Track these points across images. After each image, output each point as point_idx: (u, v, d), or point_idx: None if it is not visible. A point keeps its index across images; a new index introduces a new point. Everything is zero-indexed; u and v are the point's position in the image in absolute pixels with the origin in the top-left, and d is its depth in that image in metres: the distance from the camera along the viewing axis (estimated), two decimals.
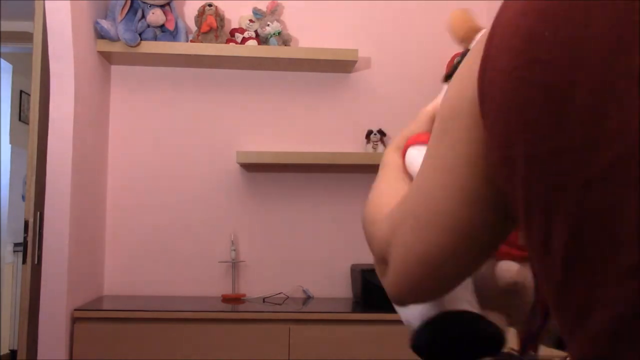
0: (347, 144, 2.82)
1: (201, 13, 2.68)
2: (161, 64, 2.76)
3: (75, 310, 2.26)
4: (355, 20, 2.86)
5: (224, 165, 2.77)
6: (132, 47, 2.56)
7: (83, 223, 2.42)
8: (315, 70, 2.80)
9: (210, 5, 2.68)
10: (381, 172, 0.86)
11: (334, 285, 2.78)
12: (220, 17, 2.69)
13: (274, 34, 2.70)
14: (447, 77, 1.30)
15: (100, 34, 2.55)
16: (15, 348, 4.12)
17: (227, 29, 2.77)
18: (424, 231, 0.62)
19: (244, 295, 2.69)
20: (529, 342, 0.82)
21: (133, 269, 2.68)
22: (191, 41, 2.68)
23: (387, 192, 0.80)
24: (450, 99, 0.60)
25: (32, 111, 2.31)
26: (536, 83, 0.47)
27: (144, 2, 2.59)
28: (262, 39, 2.73)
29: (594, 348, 0.45)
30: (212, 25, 2.65)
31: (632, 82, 0.42)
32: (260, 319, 2.31)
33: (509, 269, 0.87)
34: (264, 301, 2.61)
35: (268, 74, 2.82)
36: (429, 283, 0.68)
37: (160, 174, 2.74)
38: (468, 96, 0.55)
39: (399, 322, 2.46)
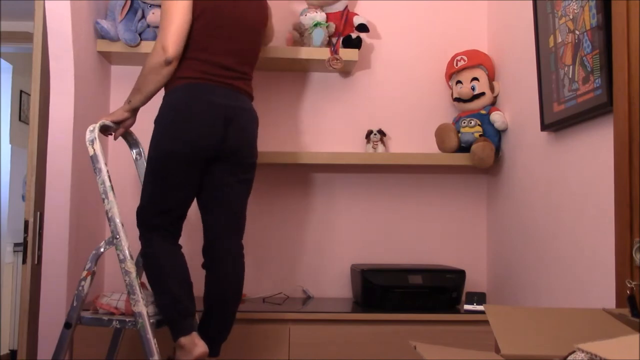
0: (347, 144, 2.83)
1: None
2: None
3: None
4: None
5: None
6: (132, 47, 2.56)
7: (83, 223, 2.42)
8: (315, 70, 2.80)
9: None
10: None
11: (334, 285, 2.78)
12: None
13: None
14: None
15: (100, 34, 2.55)
16: (15, 348, 4.12)
17: None
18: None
19: (244, 295, 2.69)
20: None
21: None
22: None
23: None
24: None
25: (32, 111, 2.31)
26: None
27: (144, 2, 2.58)
28: None
29: None
30: None
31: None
32: (260, 319, 2.32)
33: None
34: (264, 301, 2.61)
35: (268, 74, 2.82)
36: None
37: None
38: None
39: (399, 322, 2.47)
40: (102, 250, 1.96)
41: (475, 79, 2.68)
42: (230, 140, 2.02)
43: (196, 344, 1.89)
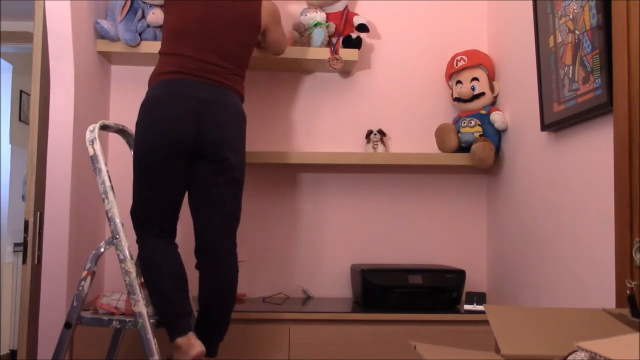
0: (347, 144, 2.83)
1: None
2: None
3: None
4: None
5: None
6: (132, 47, 2.56)
7: (83, 223, 2.42)
8: (315, 70, 2.80)
9: None
10: None
11: (334, 285, 2.78)
12: None
13: None
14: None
15: (100, 34, 2.55)
16: (15, 348, 4.12)
17: None
18: None
19: (244, 295, 2.69)
20: None
21: None
22: None
23: None
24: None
25: (32, 111, 2.31)
26: None
27: (144, 2, 2.58)
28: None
29: None
30: None
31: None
32: (260, 319, 2.32)
33: None
34: (264, 301, 2.61)
35: (268, 74, 2.83)
36: None
37: None
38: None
39: (399, 322, 2.47)
40: (102, 250, 1.96)
41: (475, 79, 2.68)
42: (207, 135, 2.00)
43: (193, 344, 1.89)
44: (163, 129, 1.97)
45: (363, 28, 2.70)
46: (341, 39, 2.69)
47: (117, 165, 2.69)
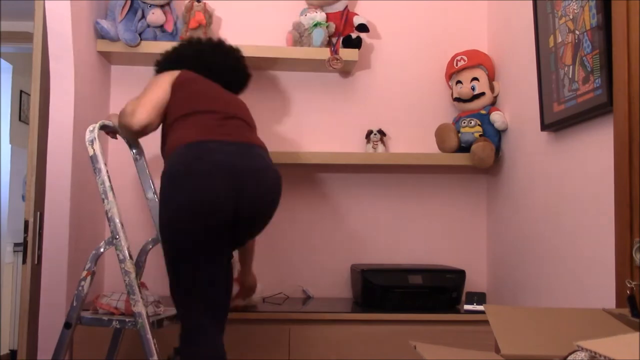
0: (347, 144, 2.83)
1: (189, 9, 2.63)
2: None
3: None
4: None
5: None
6: (132, 47, 2.56)
7: (83, 223, 2.42)
8: (315, 70, 2.80)
9: (198, 0, 2.64)
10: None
11: (334, 285, 2.78)
12: (209, 14, 2.66)
13: None
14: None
15: (100, 34, 2.55)
16: (15, 348, 4.12)
17: (215, 27, 2.77)
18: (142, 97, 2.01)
19: None
20: None
21: None
22: (180, 37, 2.63)
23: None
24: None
25: (32, 111, 2.31)
26: None
27: (144, 2, 2.58)
28: None
29: None
30: (201, 22, 2.61)
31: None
32: (260, 319, 2.32)
33: None
34: (264, 301, 2.61)
35: (268, 74, 2.82)
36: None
37: (159, 173, 2.74)
38: None
39: (399, 322, 2.47)
40: (102, 250, 1.96)
41: (475, 79, 2.68)
42: (245, 212, 1.83)
43: None
44: (204, 208, 1.76)
45: (363, 28, 2.70)
46: (341, 39, 2.69)
47: (117, 165, 2.69)
